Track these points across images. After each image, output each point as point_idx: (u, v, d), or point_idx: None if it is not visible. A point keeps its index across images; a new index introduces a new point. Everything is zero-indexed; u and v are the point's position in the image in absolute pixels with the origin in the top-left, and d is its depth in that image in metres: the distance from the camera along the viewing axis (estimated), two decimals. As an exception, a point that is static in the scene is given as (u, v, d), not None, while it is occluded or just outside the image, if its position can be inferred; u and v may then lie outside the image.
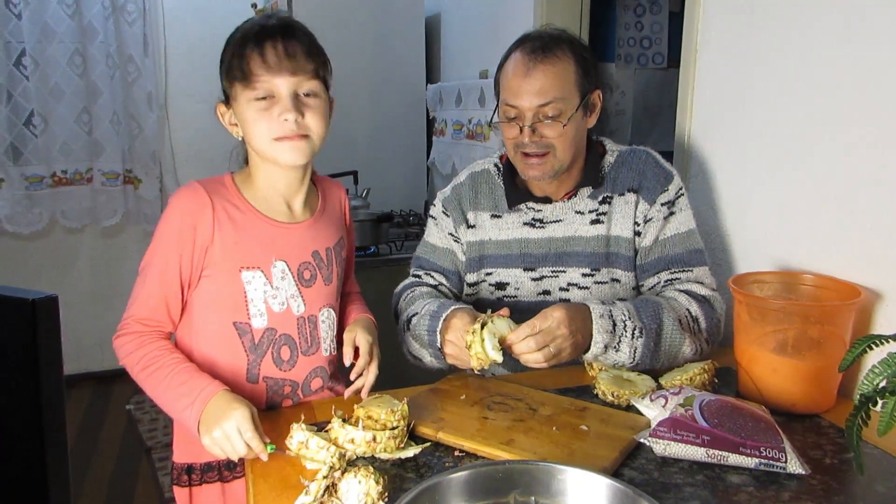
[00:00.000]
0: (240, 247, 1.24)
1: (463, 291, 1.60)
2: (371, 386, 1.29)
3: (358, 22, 3.18)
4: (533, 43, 1.40)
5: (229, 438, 1.07)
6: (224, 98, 1.27)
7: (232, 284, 1.25)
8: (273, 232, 1.28)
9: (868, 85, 1.23)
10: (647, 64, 3.20)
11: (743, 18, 1.52)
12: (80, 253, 3.77)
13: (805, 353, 1.18)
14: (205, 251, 1.22)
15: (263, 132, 1.21)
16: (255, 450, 1.06)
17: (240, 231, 1.25)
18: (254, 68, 1.18)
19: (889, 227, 1.20)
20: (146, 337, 1.22)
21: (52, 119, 3.47)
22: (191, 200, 1.23)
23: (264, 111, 1.20)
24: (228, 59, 1.22)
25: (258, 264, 1.26)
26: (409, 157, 3.42)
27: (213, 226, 1.22)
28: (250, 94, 1.20)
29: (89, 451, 3.07)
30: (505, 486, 0.90)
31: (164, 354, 1.20)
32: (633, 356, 1.29)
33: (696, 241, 1.46)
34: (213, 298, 1.25)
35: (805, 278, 1.32)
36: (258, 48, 1.19)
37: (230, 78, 1.22)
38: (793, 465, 0.99)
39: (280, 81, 1.19)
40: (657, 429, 1.05)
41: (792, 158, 1.42)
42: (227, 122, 1.28)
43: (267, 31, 1.21)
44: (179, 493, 1.34)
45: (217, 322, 1.26)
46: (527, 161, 1.43)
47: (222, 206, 1.24)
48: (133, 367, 1.20)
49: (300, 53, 1.20)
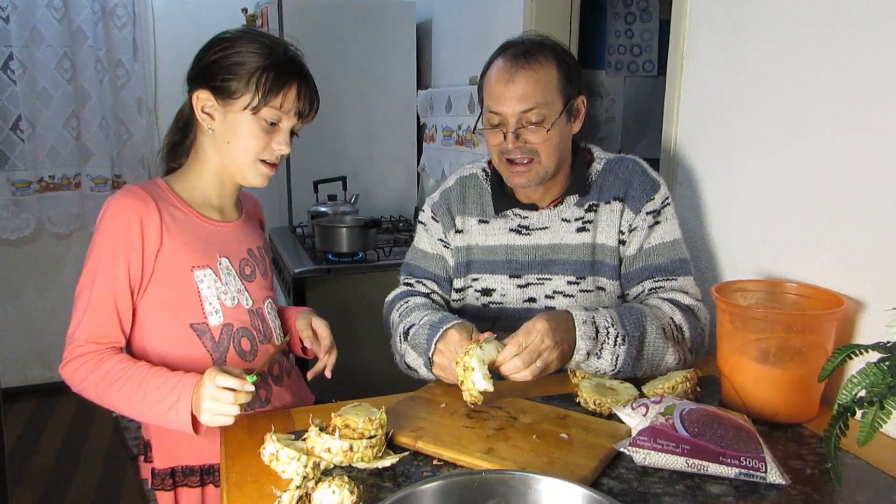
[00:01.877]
0: (189, 247, 1.26)
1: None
2: (333, 366, 1.37)
3: (350, 28, 3.18)
4: (515, 49, 1.40)
5: (217, 398, 1.08)
6: (212, 88, 1.26)
7: (185, 286, 1.26)
8: (213, 231, 1.33)
9: (851, 95, 1.23)
10: (638, 71, 3.21)
11: (729, 27, 1.52)
12: (67, 259, 3.75)
13: (787, 363, 1.17)
14: (155, 254, 1.23)
15: (253, 150, 1.27)
16: (237, 386, 1.07)
17: (185, 231, 1.27)
18: (285, 104, 1.26)
19: (872, 236, 1.20)
20: (102, 355, 1.20)
21: (39, 124, 3.46)
22: (133, 202, 1.22)
23: (265, 133, 1.27)
24: (258, 74, 1.24)
25: (207, 262, 1.29)
26: (400, 163, 3.42)
27: (161, 227, 1.23)
28: (263, 114, 1.25)
29: (75, 460, 3.05)
30: (481, 495, 0.89)
31: (129, 366, 1.19)
32: (615, 363, 1.29)
33: (681, 251, 1.46)
34: (166, 303, 1.26)
35: (788, 287, 1.32)
36: (297, 87, 1.27)
37: (250, 88, 1.24)
38: (773, 475, 0.98)
39: (292, 120, 1.29)
40: (637, 438, 1.04)
41: (777, 167, 1.41)
42: (200, 108, 1.28)
43: (301, 68, 1.30)
44: (163, 497, 1.33)
45: (173, 327, 1.27)
46: (511, 169, 1.42)
47: (165, 207, 1.26)
48: (96, 387, 1.18)
49: (316, 108, 1.33)
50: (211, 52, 1.28)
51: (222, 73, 1.25)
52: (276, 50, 1.27)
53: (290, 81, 1.26)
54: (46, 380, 3.78)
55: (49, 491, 2.81)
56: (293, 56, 1.30)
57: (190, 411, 1.12)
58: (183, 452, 1.28)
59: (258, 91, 1.23)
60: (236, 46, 1.26)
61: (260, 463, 1.03)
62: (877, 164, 1.19)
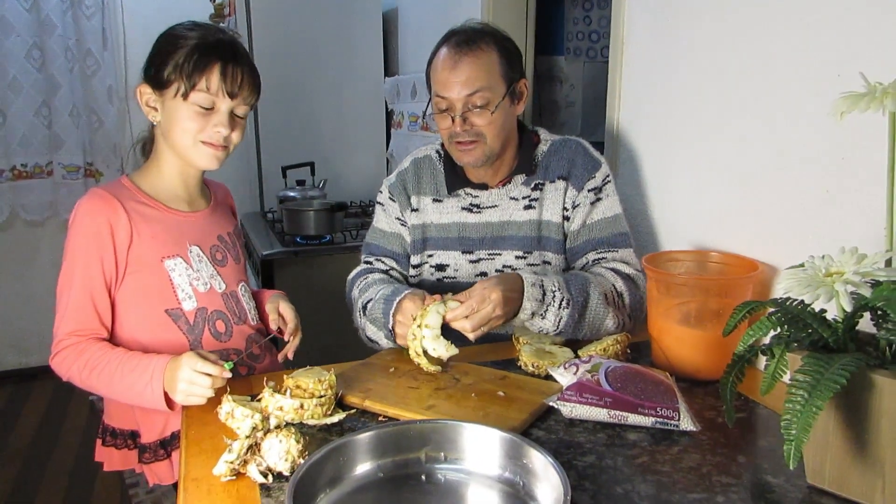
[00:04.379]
0: (157, 239, 1.34)
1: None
2: (295, 348, 1.45)
3: (317, 15, 3.23)
4: (458, 37, 1.48)
5: (193, 382, 1.16)
6: (149, 80, 1.33)
7: (156, 275, 1.34)
8: (181, 221, 1.39)
9: (771, 76, 1.33)
10: (596, 57, 3.30)
11: (665, 13, 1.61)
12: (41, 246, 3.79)
13: (706, 324, 1.27)
14: (126, 250, 1.31)
15: (192, 132, 1.32)
16: (215, 373, 1.15)
17: (153, 224, 1.34)
18: (210, 85, 1.29)
19: (784, 207, 1.30)
20: (83, 345, 1.28)
21: (10, 112, 3.49)
22: (100, 205, 1.30)
23: (201, 116, 1.31)
24: (181, 60, 1.29)
25: (177, 252, 1.36)
26: (369, 149, 3.49)
27: (130, 224, 1.31)
28: (194, 99, 1.30)
29: (51, 443, 3.10)
30: (416, 443, 0.98)
31: (107, 352, 1.27)
32: (558, 325, 1.38)
33: (621, 226, 1.55)
34: (141, 291, 1.34)
35: (713, 256, 1.42)
36: (220, 68, 1.29)
37: (177, 74, 1.29)
38: (685, 422, 1.08)
39: (226, 101, 1.31)
40: (565, 392, 1.14)
41: (705, 145, 1.51)
42: (144, 103, 1.35)
43: (226, 50, 1.32)
44: (158, 467, 1.39)
45: (149, 314, 1.34)
46: (460, 148, 1.51)
47: (130, 205, 1.33)
48: (80, 374, 1.27)
49: (249, 84, 1.34)
50: (153, 47, 1.34)
51: (156, 65, 1.31)
52: (204, 36, 1.32)
53: (212, 63, 1.29)
54: (22, 365, 3.82)
55: (25, 471, 2.88)
56: (219, 39, 1.33)
57: (162, 389, 1.20)
58: (172, 422, 1.36)
59: (182, 76, 1.28)
60: (171, 39, 1.32)
61: (217, 421, 1.11)
62: (788, 141, 1.29)
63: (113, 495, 2.70)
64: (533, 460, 0.90)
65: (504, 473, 0.94)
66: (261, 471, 0.95)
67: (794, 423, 0.81)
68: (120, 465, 1.44)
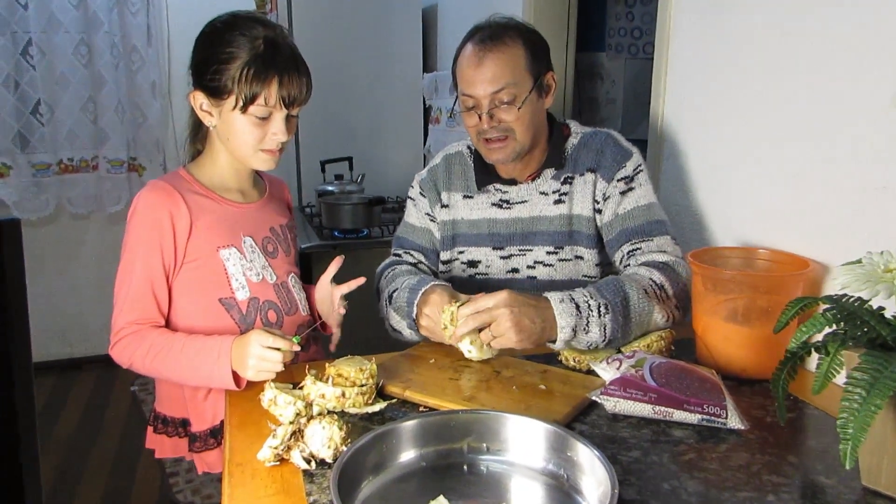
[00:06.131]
0: (213, 229, 1.36)
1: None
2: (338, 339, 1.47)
3: (357, 11, 3.25)
4: (482, 33, 1.47)
5: (263, 358, 1.17)
6: (203, 88, 1.33)
7: (212, 264, 1.35)
8: (235, 212, 1.41)
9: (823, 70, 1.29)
10: (638, 54, 3.26)
11: (713, 9, 1.58)
12: (86, 239, 3.87)
13: (754, 322, 1.24)
14: (185, 241, 1.33)
15: (251, 141, 1.33)
16: (284, 347, 1.17)
17: (209, 215, 1.36)
18: (269, 99, 1.29)
19: (835, 203, 1.27)
20: (143, 332, 1.30)
21: (58, 108, 3.57)
22: (161, 196, 1.32)
23: (258, 126, 1.32)
24: (237, 74, 1.27)
25: (231, 242, 1.38)
26: (407, 145, 3.50)
27: (189, 215, 1.33)
28: (251, 111, 1.30)
29: (95, 431, 3.17)
30: (458, 434, 0.98)
31: (169, 337, 1.29)
32: (604, 334, 1.28)
33: (657, 213, 1.48)
34: (197, 281, 1.35)
35: (761, 253, 1.39)
36: (278, 80, 1.29)
37: (233, 86, 1.28)
38: (733, 420, 1.06)
39: (283, 111, 1.32)
40: (608, 387, 1.12)
41: (753, 140, 1.48)
42: (199, 107, 1.36)
43: (282, 60, 1.30)
44: (208, 456, 1.41)
45: (204, 303, 1.36)
46: (489, 146, 1.49)
47: (189, 197, 1.35)
48: (142, 360, 1.29)
49: (306, 92, 1.35)
50: (199, 49, 1.34)
51: (209, 74, 1.30)
52: (255, 42, 1.29)
53: (271, 76, 1.28)
54: (66, 356, 3.91)
55: (69, 459, 2.95)
56: (274, 47, 1.30)
57: (230, 367, 1.21)
58: (217, 410, 1.38)
59: (241, 92, 1.28)
60: (219, 43, 1.30)
61: (260, 408, 1.12)
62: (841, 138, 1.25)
63: (154, 483, 2.75)
64: (578, 453, 0.89)
65: (548, 466, 0.93)
66: (304, 457, 0.95)
67: (850, 423, 0.79)
68: (171, 453, 1.46)
